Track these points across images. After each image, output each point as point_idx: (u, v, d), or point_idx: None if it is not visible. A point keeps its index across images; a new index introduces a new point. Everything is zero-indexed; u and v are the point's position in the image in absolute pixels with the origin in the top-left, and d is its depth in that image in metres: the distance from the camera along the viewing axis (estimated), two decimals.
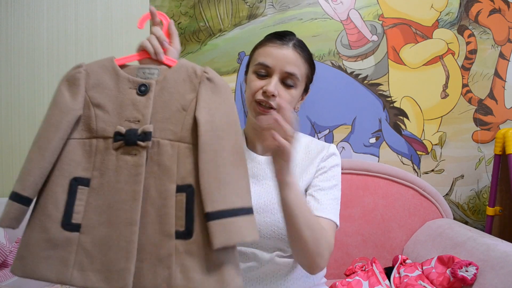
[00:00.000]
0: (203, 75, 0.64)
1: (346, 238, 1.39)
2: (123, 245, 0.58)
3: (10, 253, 1.36)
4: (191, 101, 0.63)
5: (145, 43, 0.67)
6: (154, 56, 0.67)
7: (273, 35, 0.88)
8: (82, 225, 0.60)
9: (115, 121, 0.63)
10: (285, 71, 0.82)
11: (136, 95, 0.63)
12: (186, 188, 0.60)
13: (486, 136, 1.52)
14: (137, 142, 0.60)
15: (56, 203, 0.60)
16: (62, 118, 0.62)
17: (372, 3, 1.52)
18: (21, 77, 1.55)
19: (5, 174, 1.54)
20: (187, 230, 0.59)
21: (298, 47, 0.85)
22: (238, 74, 1.52)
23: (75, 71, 0.65)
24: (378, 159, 1.52)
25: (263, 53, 0.85)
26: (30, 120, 1.54)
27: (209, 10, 1.53)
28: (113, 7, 1.55)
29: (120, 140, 0.61)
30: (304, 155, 0.91)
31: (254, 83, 0.84)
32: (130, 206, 0.59)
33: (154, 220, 0.59)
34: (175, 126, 0.63)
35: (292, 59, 0.83)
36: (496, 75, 1.53)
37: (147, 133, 0.61)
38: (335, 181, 0.88)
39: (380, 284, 1.09)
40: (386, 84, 1.52)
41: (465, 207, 1.53)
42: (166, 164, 0.61)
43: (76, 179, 0.61)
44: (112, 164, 0.61)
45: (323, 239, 0.75)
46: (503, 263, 0.94)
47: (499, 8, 1.52)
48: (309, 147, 0.92)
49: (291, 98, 0.84)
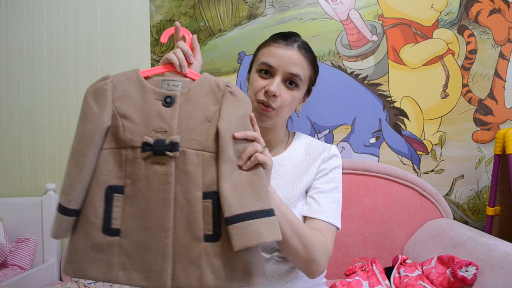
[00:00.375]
0: (226, 89, 0.68)
1: (346, 238, 1.39)
2: (160, 249, 0.63)
3: (10, 253, 1.36)
4: (215, 113, 0.67)
5: (171, 56, 0.69)
6: (179, 68, 0.69)
7: (278, 35, 0.87)
8: (121, 230, 0.65)
9: (142, 131, 0.66)
10: (288, 71, 0.82)
11: (162, 106, 0.66)
12: (212, 194, 0.65)
13: (486, 136, 1.52)
14: (165, 152, 0.64)
15: (95, 211, 0.64)
16: (94, 132, 0.65)
17: (372, 3, 1.52)
18: (21, 77, 1.55)
19: (5, 174, 1.54)
20: (215, 234, 0.64)
21: (303, 49, 0.85)
22: (238, 74, 1.52)
23: (102, 83, 0.67)
24: (378, 159, 1.52)
25: (267, 53, 0.85)
26: (30, 120, 1.55)
27: (209, 10, 1.53)
28: (113, 7, 1.55)
29: (149, 150, 0.65)
30: (305, 156, 0.91)
31: (256, 82, 0.84)
32: (163, 213, 0.64)
33: (183, 225, 0.64)
34: (199, 136, 0.66)
35: (296, 60, 0.83)
36: (496, 75, 1.53)
37: (175, 144, 0.64)
38: (336, 183, 0.88)
39: (380, 284, 1.09)
40: (386, 84, 1.52)
41: (465, 207, 1.53)
42: (192, 172, 0.65)
43: (111, 187, 0.66)
44: (142, 173, 0.65)
45: (316, 245, 0.75)
46: (503, 263, 0.94)
47: (499, 8, 1.52)
48: (310, 147, 0.92)
49: (292, 99, 0.84)
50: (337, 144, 1.52)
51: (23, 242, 1.41)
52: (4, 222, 1.42)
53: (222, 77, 1.52)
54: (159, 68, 0.71)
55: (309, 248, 0.74)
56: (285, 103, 0.83)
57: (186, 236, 0.64)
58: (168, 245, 0.64)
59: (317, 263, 0.75)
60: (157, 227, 0.64)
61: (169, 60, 0.69)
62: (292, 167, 0.89)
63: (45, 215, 1.42)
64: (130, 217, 0.65)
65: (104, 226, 0.65)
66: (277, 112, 0.83)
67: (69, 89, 1.54)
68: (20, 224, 1.43)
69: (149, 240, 0.64)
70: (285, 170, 0.89)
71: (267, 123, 0.85)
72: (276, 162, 0.89)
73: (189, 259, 0.64)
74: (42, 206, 1.43)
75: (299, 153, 0.91)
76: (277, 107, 0.82)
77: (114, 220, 0.65)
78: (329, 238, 0.81)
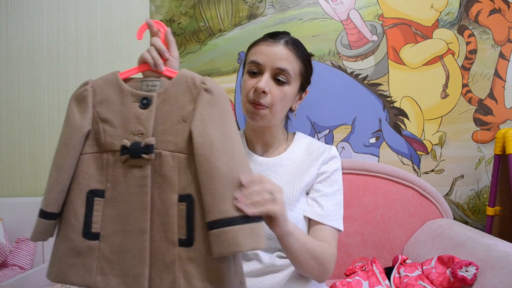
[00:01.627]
0: (201, 86, 0.64)
1: (346, 238, 1.39)
2: (137, 252, 0.62)
3: (10, 253, 1.36)
4: (190, 112, 0.64)
5: (145, 55, 0.67)
6: (154, 67, 0.67)
7: (266, 35, 0.89)
8: (100, 234, 0.64)
9: (121, 134, 0.65)
10: (276, 67, 0.82)
11: (139, 108, 0.65)
12: (186, 197, 0.62)
13: (486, 136, 1.52)
14: (141, 155, 0.63)
15: (76, 215, 0.65)
16: (72, 136, 0.66)
17: (372, 3, 1.52)
18: (21, 77, 1.55)
19: (5, 174, 1.54)
20: (188, 239, 0.61)
21: (290, 44, 0.85)
22: (238, 74, 1.52)
23: (82, 89, 0.68)
24: (378, 159, 1.52)
25: (255, 52, 0.86)
26: (30, 120, 1.55)
27: (209, 10, 1.53)
28: (113, 7, 1.55)
29: (126, 153, 0.64)
30: (305, 156, 0.91)
31: (246, 83, 0.85)
32: (140, 216, 0.63)
33: (159, 228, 0.62)
34: (175, 137, 0.64)
35: (282, 55, 0.83)
36: (496, 75, 1.53)
37: (150, 146, 0.63)
38: (338, 186, 0.89)
39: (380, 284, 1.09)
40: (386, 84, 1.52)
41: (465, 207, 1.53)
42: (168, 174, 0.63)
43: (92, 191, 0.65)
44: (121, 177, 0.65)
45: (327, 258, 0.78)
46: (503, 263, 0.94)
47: (499, 8, 1.52)
48: (310, 148, 0.92)
49: (282, 95, 0.84)
50: (337, 144, 1.52)
51: (23, 242, 1.41)
52: (4, 222, 1.42)
53: (222, 77, 1.52)
54: (135, 69, 0.70)
55: (322, 264, 0.77)
56: (276, 99, 0.83)
57: (162, 240, 0.62)
58: (145, 249, 0.62)
59: (328, 273, 0.79)
60: (135, 230, 0.63)
61: (143, 60, 0.68)
62: (292, 167, 0.89)
63: None
64: (109, 221, 0.65)
65: (84, 230, 0.65)
66: (269, 109, 0.83)
67: (69, 89, 1.54)
68: (20, 224, 1.43)
69: (127, 244, 0.63)
70: (285, 170, 0.89)
71: (260, 122, 0.85)
72: (277, 162, 0.89)
73: (164, 263, 0.62)
74: None
75: (299, 153, 0.91)
76: (268, 104, 0.82)
77: (94, 224, 0.65)
78: (333, 242, 0.83)
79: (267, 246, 0.84)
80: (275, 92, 0.83)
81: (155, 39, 0.70)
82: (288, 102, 0.87)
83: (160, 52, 0.68)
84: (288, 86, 0.84)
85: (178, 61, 0.73)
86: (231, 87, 1.52)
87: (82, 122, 0.66)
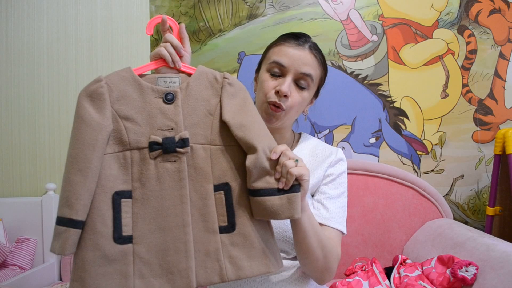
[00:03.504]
0: (224, 80, 0.69)
1: (346, 238, 1.39)
2: (181, 247, 0.63)
3: (10, 253, 1.36)
4: (216, 105, 0.68)
5: (162, 51, 0.67)
6: (172, 64, 0.68)
7: (288, 35, 0.87)
8: (133, 236, 0.63)
9: (147, 131, 0.65)
10: (300, 71, 0.81)
11: (163, 103, 0.66)
12: (223, 186, 0.67)
13: (486, 136, 1.52)
14: (176, 149, 0.64)
15: (103, 220, 0.62)
16: (96, 136, 0.62)
17: (372, 3, 1.52)
18: (21, 77, 1.55)
19: (5, 174, 1.54)
20: (230, 224, 0.66)
21: (314, 49, 0.85)
22: (238, 74, 1.52)
23: (96, 86, 0.64)
24: (378, 159, 1.52)
25: (278, 52, 0.84)
26: (30, 120, 1.55)
27: (209, 10, 1.53)
28: (113, 7, 1.55)
29: (158, 149, 0.64)
30: (311, 157, 0.90)
31: (267, 82, 0.83)
32: (180, 210, 0.64)
33: (197, 219, 0.65)
34: (204, 130, 0.67)
35: (308, 60, 0.82)
36: (496, 75, 1.53)
37: (185, 140, 0.65)
38: (343, 188, 0.88)
39: (380, 284, 1.09)
40: (386, 84, 1.52)
41: (465, 207, 1.53)
42: (202, 166, 0.66)
43: (118, 193, 0.63)
44: (152, 173, 0.64)
45: (333, 254, 0.77)
46: (503, 263, 0.94)
47: (499, 8, 1.52)
48: (316, 150, 0.92)
49: (302, 100, 0.84)
50: (337, 144, 1.52)
51: (23, 242, 1.41)
52: (4, 222, 1.42)
53: None
54: (151, 65, 0.69)
55: (327, 258, 0.75)
56: (295, 104, 0.82)
57: (202, 231, 0.64)
58: (189, 242, 0.63)
59: (330, 272, 0.78)
60: (175, 225, 0.63)
61: (161, 56, 0.67)
62: None
63: (45, 215, 1.42)
64: (142, 221, 0.63)
65: (115, 234, 0.62)
66: (286, 112, 0.82)
67: (69, 89, 1.54)
68: (20, 224, 1.44)
69: (167, 241, 0.63)
70: None
71: (275, 124, 0.84)
72: None
73: (207, 253, 0.64)
74: (42, 206, 1.43)
75: (305, 154, 0.91)
76: (287, 107, 0.81)
77: (124, 226, 0.63)
78: (338, 244, 0.82)
79: None
80: (296, 96, 0.82)
81: (170, 35, 0.69)
82: (304, 106, 0.87)
83: (176, 49, 0.68)
84: (307, 92, 0.84)
85: (191, 56, 0.74)
86: None
87: (103, 120, 0.63)
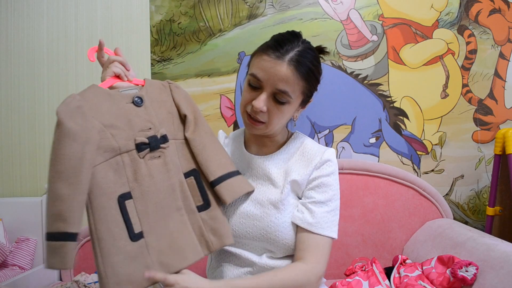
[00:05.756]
0: (170, 85, 0.82)
1: (346, 238, 1.39)
2: (181, 227, 0.72)
3: (10, 253, 1.36)
4: (171, 105, 0.80)
5: (115, 69, 0.77)
6: (125, 78, 0.78)
7: (272, 43, 0.81)
8: (143, 230, 0.69)
9: (130, 134, 0.71)
10: (276, 88, 0.77)
11: (134, 107, 0.73)
12: (192, 172, 0.77)
13: (486, 136, 1.52)
14: (160, 146, 0.73)
15: (117, 224, 0.66)
16: (83, 149, 0.63)
17: (372, 3, 1.52)
18: (21, 77, 1.55)
19: (5, 174, 1.54)
20: (205, 202, 0.76)
21: (294, 62, 0.78)
22: (238, 74, 1.52)
23: (73, 100, 0.66)
24: (378, 159, 1.52)
25: (257, 64, 0.80)
26: (30, 120, 1.55)
27: (209, 10, 1.53)
28: (113, 7, 1.55)
29: (146, 148, 0.71)
30: (298, 156, 0.88)
31: (245, 93, 0.82)
32: (173, 197, 0.73)
33: None
34: (169, 127, 0.76)
35: (284, 76, 0.76)
36: (496, 75, 1.53)
37: (164, 136, 0.74)
38: (332, 191, 0.83)
39: (380, 284, 1.09)
40: (386, 84, 1.52)
41: (465, 207, 1.53)
42: (173, 158, 0.74)
43: (121, 195, 0.68)
44: (144, 172, 0.70)
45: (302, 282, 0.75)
46: (503, 263, 0.94)
47: (499, 8, 1.52)
48: (304, 149, 0.88)
49: (280, 114, 0.81)
50: (337, 144, 1.52)
51: (23, 242, 1.41)
52: (4, 222, 1.42)
53: (222, 77, 1.52)
54: (109, 80, 0.76)
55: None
56: (273, 117, 0.80)
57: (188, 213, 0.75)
58: (186, 221, 0.73)
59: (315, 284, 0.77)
60: (172, 211, 0.72)
61: (115, 73, 0.77)
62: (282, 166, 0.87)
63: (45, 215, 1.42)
64: (146, 215, 0.69)
65: (130, 234, 0.67)
66: (266, 125, 0.81)
67: (69, 89, 1.54)
68: (20, 224, 1.44)
69: (170, 226, 0.70)
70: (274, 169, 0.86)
71: (257, 132, 0.83)
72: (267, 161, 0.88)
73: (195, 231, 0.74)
74: (42, 206, 1.43)
75: (291, 153, 0.88)
76: (266, 121, 0.80)
77: (134, 225, 0.68)
78: (322, 252, 0.79)
79: (256, 247, 0.83)
80: (273, 110, 0.79)
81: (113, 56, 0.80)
82: (287, 117, 0.84)
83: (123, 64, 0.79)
84: (288, 105, 0.81)
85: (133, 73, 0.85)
86: (231, 87, 1.52)
87: (87, 133, 0.64)
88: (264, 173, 0.86)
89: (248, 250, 0.83)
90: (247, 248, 0.84)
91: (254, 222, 0.81)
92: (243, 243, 0.84)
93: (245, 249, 0.84)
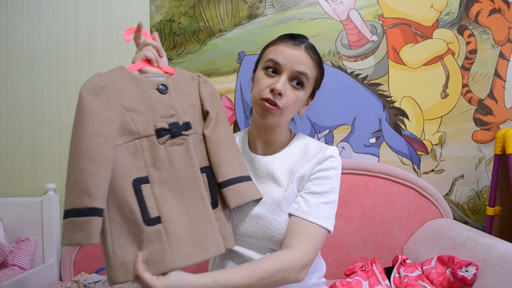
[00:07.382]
0: (199, 78, 0.80)
1: (346, 238, 1.39)
2: (204, 217, 0.70)
3: (10, 253, 1.36)
4: (196, 99, 0.78)
5: (147, 52, 0.76)
6: (156, 63, 0.76)
7: (285, 36, 0.88)
8: (161, 216, 0.67)
9: (151, 119, 0.70)
10: (295, 70, 0.82)
11: (159, 94, 0.72)
12: (205, 169, 0.76)
13: (486, 136, 1.52)
14: (182, 133, 0.71)
15: (130, 208, 0.65)
16: (107, 128, 0.64)
17: (372, 3, 1.52)
18: (21, 77, 1.55)
19: (5, 174, 1.54)
20: (214, 201, 0.75)
21: (310, 50, 0.85)
22: (238, 74, 1.52)
23: (98, 79, 0.66)
24: (378, 159, 1.52)
25: (274, 51, 0.84)
26: (30, 120, 1.55)
27: (209, 10, 1.53)
28: (113, 7, 1.55)
29: (166, 134, 0.70)
30: (301, 156, 0.89)
31: (262, 80, 0.83)
32: (196, 185, 0.71)
33: None
34: (190, 119, 0.75)
35: (303, 59, 0.83)
36: (496, 75, 1.53)
37: (187, 123, 0.73)
38: (331, 185, 0.84)
39: (380, 284, 1.09)
40: (386, 84, 1.52)
41: (465, 207, 1.53)
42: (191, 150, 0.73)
43: (136, 179, 0.66)
44: (164, 157, 0.69)
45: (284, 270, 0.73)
46: (503, 263, 0.94)
47: (499, 8, 1.52)
48: (307, 148, 0.90)
49: (297, 100, 0.84)
50: (337, 144, 1.52)
51: (23, 242, 1.41)
52: (4, 222, 1.42)
53: (222, 77, 1.52)
54: (139, 63, 0.75)
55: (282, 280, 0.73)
56: (290, 102, 0.83)
57: None
58: (210, 211, 0.71)
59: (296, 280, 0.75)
60: (195, 199, 0.70)
61: (146, 56, 0.76)
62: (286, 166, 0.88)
63: (45, 215, 1.42)
64: (164, 201, 0.68)
65: (144, 217, 0.65)
66: (281, 111, 0.82)
67: (69, 89, 1.54)
68: (20, 224, 1.44)
69: (191, 215, 0.69)
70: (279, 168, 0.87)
71: (270, 120, 0.84)
72: (271, 161, 0.88)
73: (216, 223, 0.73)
74: (42, 206, 1.43)
75: (295, 153, 0.90)
76: (282, 106, 0.82)
77: (150, 209, 0.66)
78: (311, 240, 0.77)
79: (260, 246, 0.83)
80: (290, 95, 0.82)
81: (149, 40, 0.78)
82: (299, 106, 0.87)
83: (157, 50, 0.78)
84: (302, 91, 0.84)
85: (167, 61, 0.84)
86: (231, 87, 1.52)
87: (111, 113, 0.65)
88: (268, 172, 0.87)
89: (252, 249, 0.84)
90: (250, 247, 0.84)
91: (258, 221, 0.82)
92: (246, 242, 0.84)
93: (248, 248, 0.84)
